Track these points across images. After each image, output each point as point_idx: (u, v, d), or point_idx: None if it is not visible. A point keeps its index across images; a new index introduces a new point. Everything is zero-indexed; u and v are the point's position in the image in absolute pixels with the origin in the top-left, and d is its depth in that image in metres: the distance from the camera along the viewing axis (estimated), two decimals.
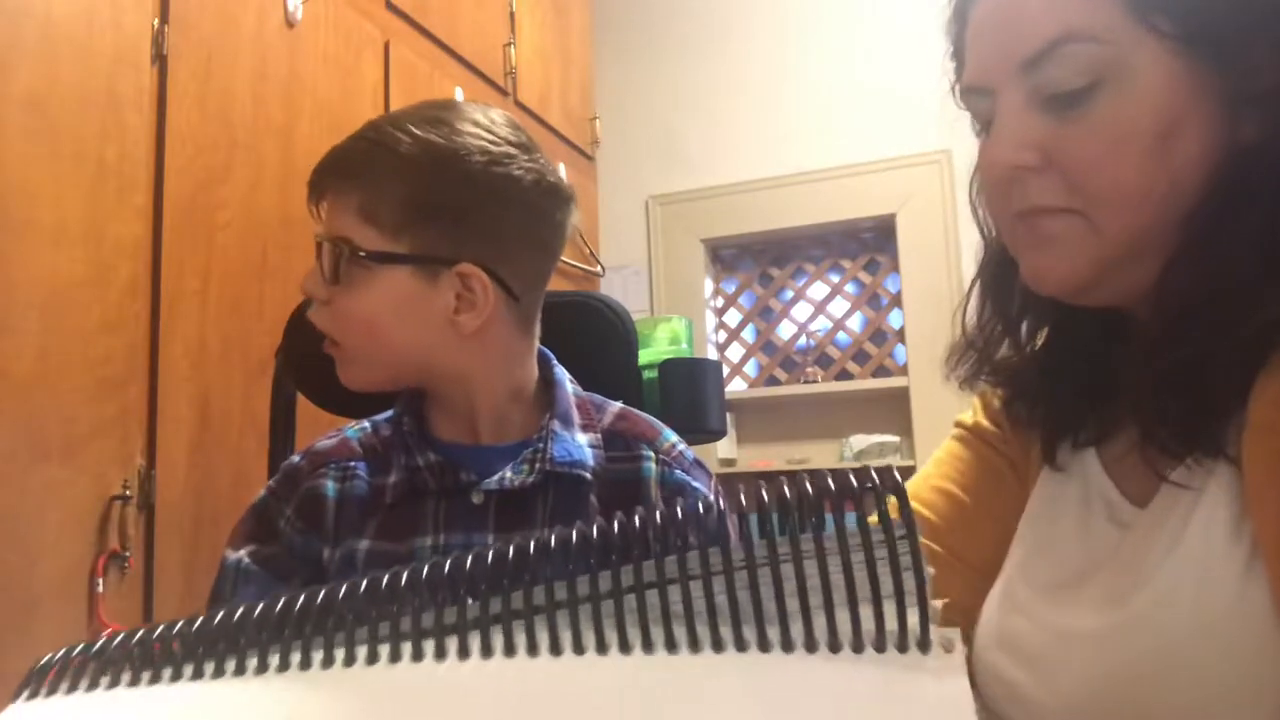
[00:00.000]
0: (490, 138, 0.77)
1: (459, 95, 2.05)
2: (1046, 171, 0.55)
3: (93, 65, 1.26)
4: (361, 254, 0.76)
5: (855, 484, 0.34)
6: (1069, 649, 0.55)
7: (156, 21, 1.36)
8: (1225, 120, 0.53)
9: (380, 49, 1.85)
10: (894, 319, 3.10)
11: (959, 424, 0.74)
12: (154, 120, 1.35)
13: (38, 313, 1.17)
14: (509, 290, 0.79)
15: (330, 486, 0.80)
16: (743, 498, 0.35)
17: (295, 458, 0.85)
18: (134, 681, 0.38)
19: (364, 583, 0.37)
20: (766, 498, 0.34)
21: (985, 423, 0.72)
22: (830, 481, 0.34)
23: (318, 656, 0.36)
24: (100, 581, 1.21)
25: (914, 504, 0.68)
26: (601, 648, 0.34)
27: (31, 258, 1.16)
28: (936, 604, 0.32)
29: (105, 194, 1.26)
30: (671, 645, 0.33)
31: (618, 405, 0.88)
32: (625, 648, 0.33)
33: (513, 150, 0.78)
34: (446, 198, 0.76)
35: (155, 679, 0.37)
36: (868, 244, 3.18)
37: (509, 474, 0.78)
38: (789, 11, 3.17)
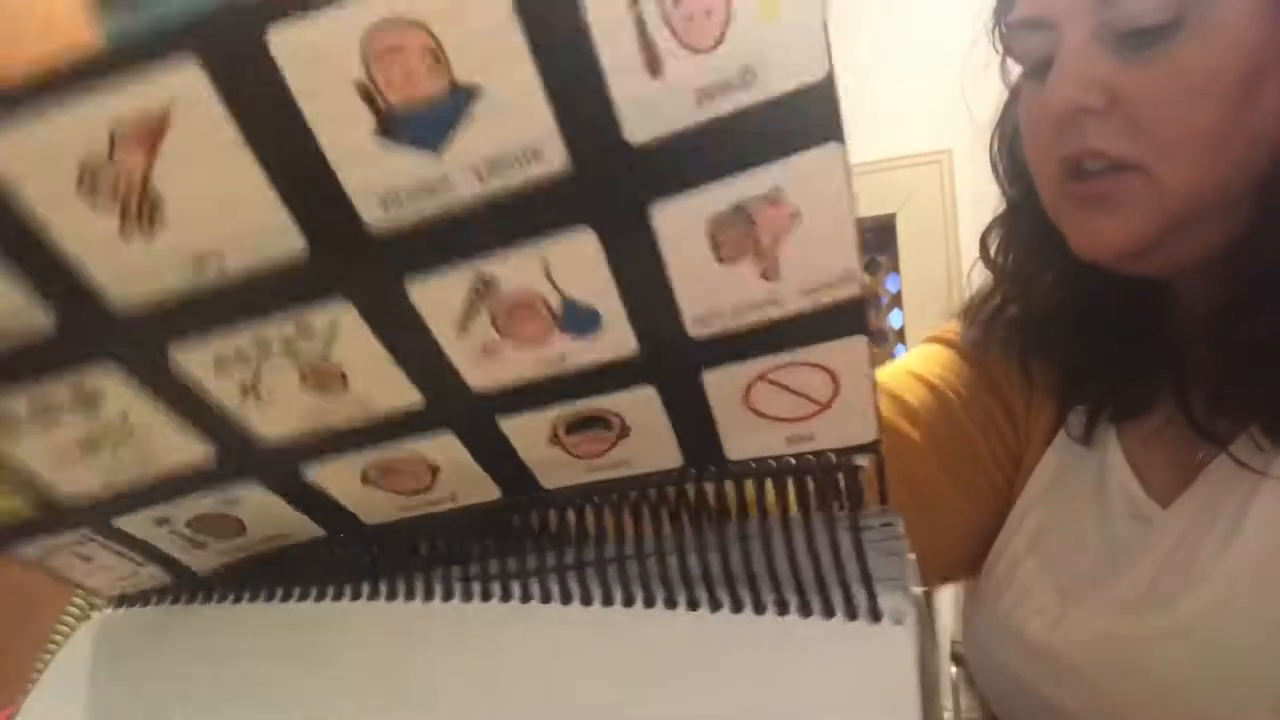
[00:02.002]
0: None
1: None
2: (1110, 115, 0.50)
3: None
4: None
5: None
6: (1108, 656, 0.52)
7: None
8: None
9: None
10: (894, 319, 3.10)
11: (954, 334, 0.67)
12: None
13: None
14: None
15: None
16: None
17: None
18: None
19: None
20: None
21: (996, 370, 0.65)
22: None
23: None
24: None
25: (885, 387, 0.62)
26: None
27: None
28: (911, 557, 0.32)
29: None
30: (611, 601, 0.34)
31: None
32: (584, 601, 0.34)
33: None
34: None
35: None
36: (868, 244, 3.18)
37: None
38: None
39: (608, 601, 0.33)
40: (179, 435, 0.31)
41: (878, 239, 3.15)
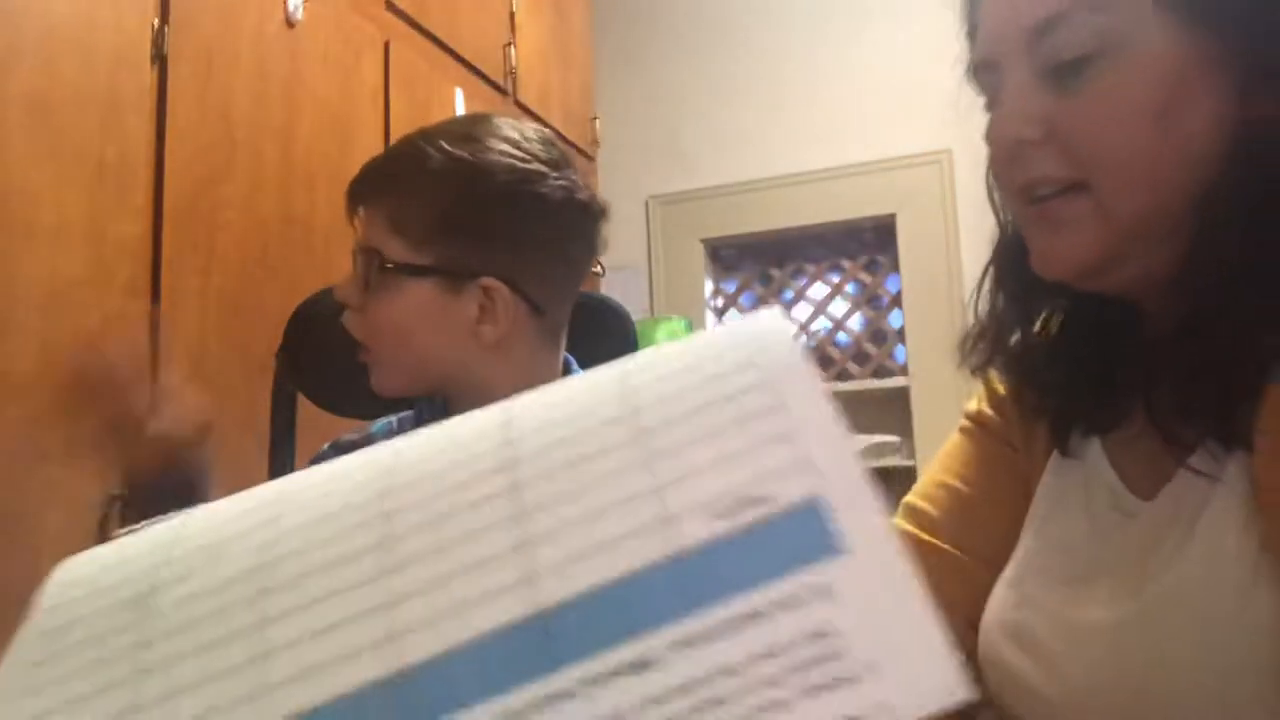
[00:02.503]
0: (520, 155, 0.79)
1: (459, 96, 2.06)
2: (1050, 144, 0.54)
3: (93, 65, 1.26)
4: (389, 265, 0.78)
5: None
6: (1079, 643, 0.55)
7: (156, 21, 1.36)
8: (1237, 96, 0.51)
9: (380, 49, 1.85)
10: (894, 319, 3.10)
11: (965, 414, 0.74)
12: (154, 120, 1.35)
13: (38, 313, 1.17)
14: (533, 303, 0.80)
15: None
16: None
17: (325, 447, 0.89)
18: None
19: None
20: None
21: (987, 410, 0.71)
22: None
23: None
24: None
25: (917, 500, 0.70)
26: None
27: (31, 258, 1.16)
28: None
29: (105, 194, 1.26)
30: None
31: None
32: None
33: (541, 167, 0.79)
34: (471, 213, 0.78)
35: None
36: (868, 244, 3.18)
37: None
38: (789, 12, 3.17)
39: None
40: None
41: (878, 239, 3.16)
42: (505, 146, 0.79)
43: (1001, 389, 0.69)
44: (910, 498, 0.70)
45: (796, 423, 0.31)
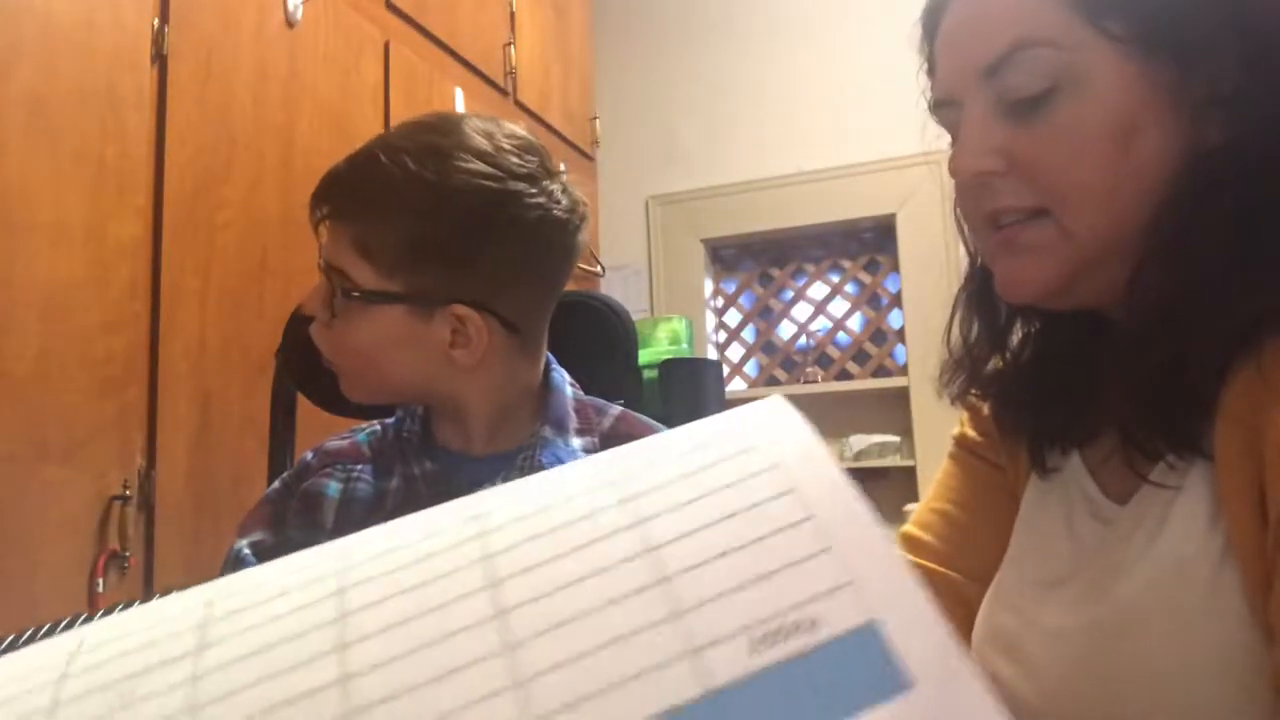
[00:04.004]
0: (492, 173, 0.74)
1: (459, 96, 2.05)
2: (1010, 175, 0.56)
3: (93, 65, 1.26)
4: (355, 294, 0.75)
5: None
6: (1053, 645, 0.56)
7: (156, 21, 1.36)
8: (1187, 123, 0.53)
9: (380, 49, 1.85)
10: (894, 319, 3.10)
11: (953, 438, 0.75)
12: (154, 120, 1.35)
13: (38, 313, 1.17)
14: (507, 323, 0.78)
15: (333, 487, 0.81)
16: None
17: (308, 454, 0.86)
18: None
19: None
20: None
21: (972, 433, 0.72)
22: None
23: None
24: (100, 581, 1.21)
25: (913, 529, 0.71)
26: None
27: (31, 258, 1.16)
28: None
29: (105, 194, 1.26)
30: None
31: (619, 409, 0.87)
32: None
33: (515, 185, 0.75)
34: (441, 241, 0.74)
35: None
36: (868, 244, 3.18)
37: (499, 484, 0.78)
38: (789, 11, 3.17)
39: None
40: None
41: (878, 239, 3.15)
42: (475, 164, 0.74)
43: (985, 408, 0.71)
44: (907, 527, 0.72)
45: (831, 529, 0.26)
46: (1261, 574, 0.46)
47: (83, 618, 0.39)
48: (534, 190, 0.76)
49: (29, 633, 0.39)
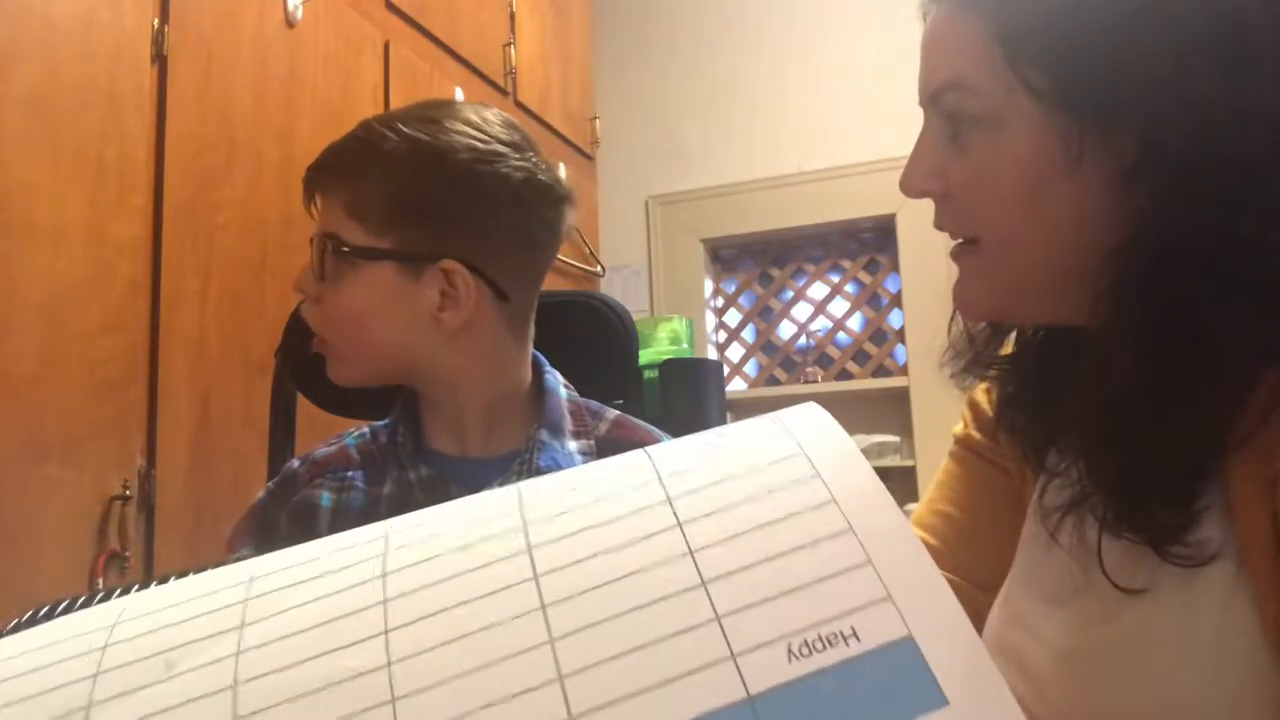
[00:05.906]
0: (480, 136, 0.77)
1: (459, 95, 2.05)
2: (946, 200, 0.57)
3: (93, 65, 1.26)
4: (345, 249, 0.76)
5: None
6: (1064, 665, 0.55)
7: (156, 21, 1.36)
8: (1110, 184, 0.51)
9: (380, 49, 1.85)
10: (894, 319, 3.10)
11: (954, 437, 0.74)
12: (154, 120, 1.35)
13: (38, 313, 1.16)
14: (496, 288, 0.79)
15: (325, 497, 0.80)
16: None
17: (295, 462, 0.85)
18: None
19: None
20: None
21: (975, 434, 0.71)
22: None
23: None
24: (100, 581, 1.21)
25: (915, 529, 0.68)
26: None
27: (31, 258, 1.16)
28: None
29: (105, 194, 1.26)
30: None
31: (615, 412, 0.87)
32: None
33: (502, 148, 0.78)
34: (430, 195, 0.76)
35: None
36: (868, 244, 3.18)
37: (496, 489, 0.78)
38: (789, 12, 3.16)
39: None
40: None
41: (877, 239, 3.15)
42: (465, 128, 0.77)
43: (988, 409, 0.69)
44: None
45: (870, 542, 0.26)
46: (1275, 599, 0.46)
47: (81, 599, 0.40)
48: (519, 155, 0.79)
49: (29, 613, 0.39)
